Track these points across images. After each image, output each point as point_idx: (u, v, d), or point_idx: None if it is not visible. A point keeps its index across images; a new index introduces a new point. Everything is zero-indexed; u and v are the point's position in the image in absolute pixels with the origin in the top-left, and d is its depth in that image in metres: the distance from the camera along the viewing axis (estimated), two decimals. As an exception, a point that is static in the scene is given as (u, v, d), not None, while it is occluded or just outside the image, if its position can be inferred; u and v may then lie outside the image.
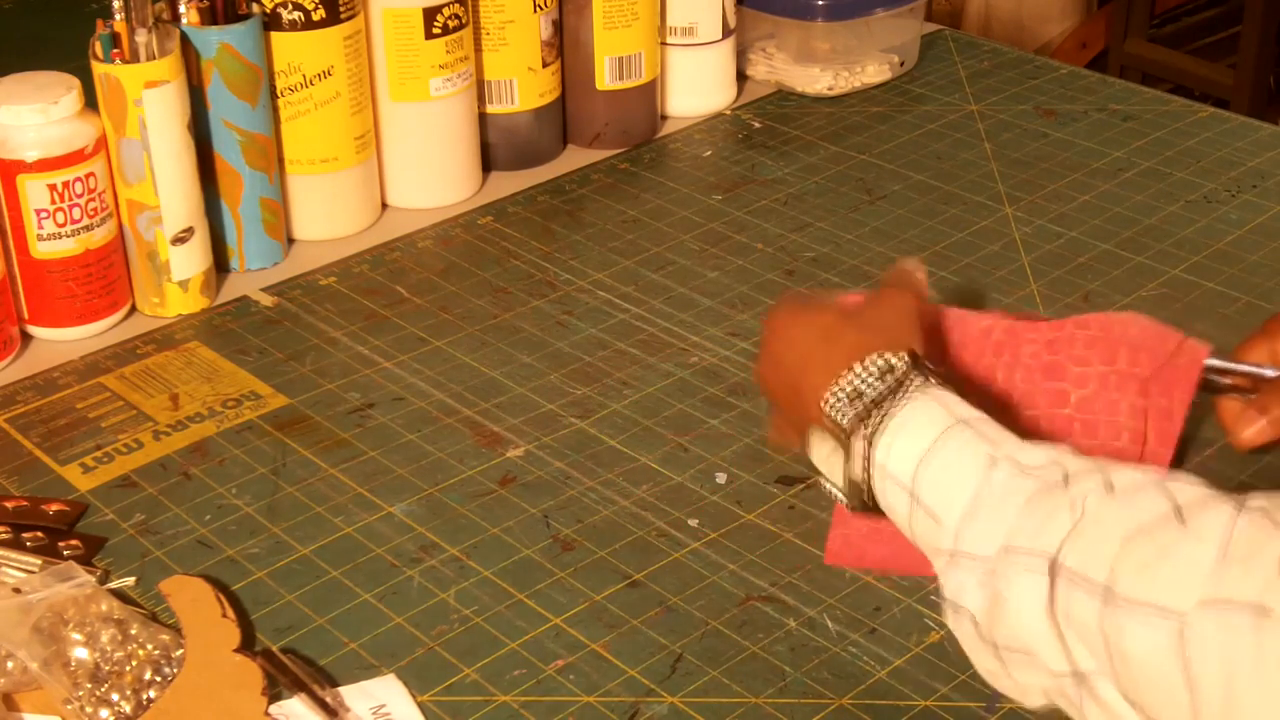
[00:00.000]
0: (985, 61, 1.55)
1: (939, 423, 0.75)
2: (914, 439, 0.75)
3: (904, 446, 0.75)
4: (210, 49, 1.15)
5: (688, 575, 0.92)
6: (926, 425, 0.75)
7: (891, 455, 0.75)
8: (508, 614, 0.89)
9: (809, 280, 1.20)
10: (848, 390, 0.78)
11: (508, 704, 0.83)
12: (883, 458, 0.76)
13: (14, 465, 1.01)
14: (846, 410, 0.78)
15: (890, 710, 0.82)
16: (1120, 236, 1.24)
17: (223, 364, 1.11)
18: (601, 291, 1.19)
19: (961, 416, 0.75)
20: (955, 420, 0.75)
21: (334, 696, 0.83)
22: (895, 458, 0.75)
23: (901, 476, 0.75)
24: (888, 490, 0.76)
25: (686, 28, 1.42)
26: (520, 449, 1.02)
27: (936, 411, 0.75)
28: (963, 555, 0.71)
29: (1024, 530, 0.68)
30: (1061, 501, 0.68)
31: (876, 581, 0.91)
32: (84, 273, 1.12)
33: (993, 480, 0.71)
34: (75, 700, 0.80)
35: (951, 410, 0.75)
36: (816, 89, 1.48)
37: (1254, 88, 2.61)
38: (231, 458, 1.02)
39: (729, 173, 1.36)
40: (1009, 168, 1.36)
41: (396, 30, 1.25)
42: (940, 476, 0.73)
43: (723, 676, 0.85)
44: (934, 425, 0.75)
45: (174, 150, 1.12)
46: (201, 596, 0.88)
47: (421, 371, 1.10)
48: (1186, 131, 1.41)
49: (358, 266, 1.23)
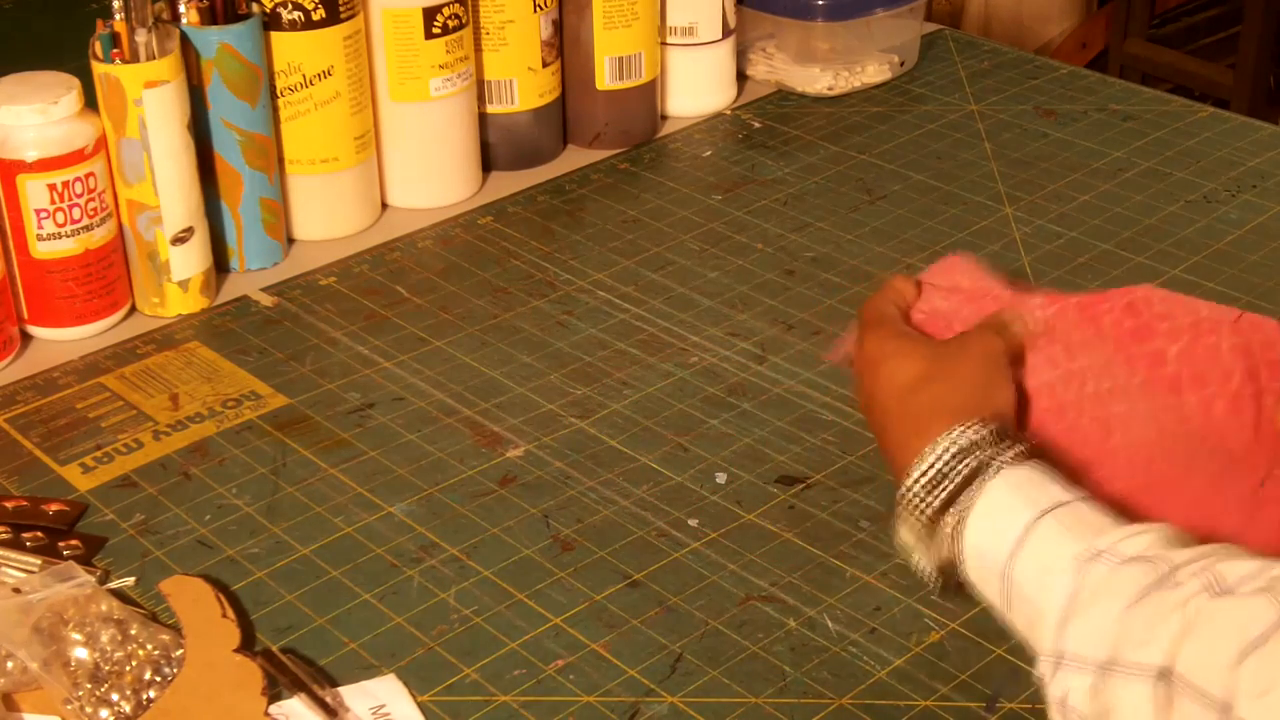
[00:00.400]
0: (985, 61, 1.55)
1: (1031, 509, 0.73)
2: (1005, 528, 0.73)
3: (994, 535, 0.73)
4: (210, 49, 1.15)
5: (688, 575, 0.92)
6: (1017, 511, 0.73)
7: (982, 544, 0.74)
8: (508, 614, 0.89)
9: (809, 280, 1.20)
10: (930, 475, 0.76)
11: (508, 704, 0.83)
12: (973, 545, 0.74)
13: (14, 465, 1.01)
14: (929, 498, 0.76)
15: (890, 710, 0.82)
16: (1120, 236, 1.24)
17: (223, 364, 1.11)
18: (601, 291, 1.19)
19: (1055, 499, 0.73)
20: (1049, 504, 0.72)
21: (334, 696, 0.83)
22: (988, 548, 0.73)
23: (996, 567, 0.73)
24: (983, 580, 0.74)
25: (686, 28, 1.42)
26: (520, 449, 1.02)
27: (1027, 495, 0.73)
28: (1068, 658, 0.68)
29: (1131, 637, 0.66)
30: (1168, 602, 0.66)
31: (876, 581, 0.91)
32: (84, 273, 1.12)
33: (1093, 575, 0.69)
34: (75, 700, 0.80)
35: (1044, 493, 0.73)
36: (816, 89, 1.48)
37: (1254, 88, 2.61)
38: (231, 458, 1.02)
39: (729, 173, 1.36)
40: (1009, 168, 1.36)
41: (396, 30, 1.25)
42: (1036, 570, 0.71)
43: (723, 676, 0.85)
44: (1026, 511, 0.73)
45: (174, 150, 1.12)
46: (201, 596, 0.88)
47: (421, 371, 1.10)
48: (1186, 131, 1.41)
49: (358, 266, 1.23)
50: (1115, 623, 0.67)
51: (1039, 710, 0.82)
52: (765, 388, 1.08)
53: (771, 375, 1.09)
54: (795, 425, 1.04)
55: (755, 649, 0.86)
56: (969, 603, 0.87)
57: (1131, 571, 0.68)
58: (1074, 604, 0.69)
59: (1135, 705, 0.65)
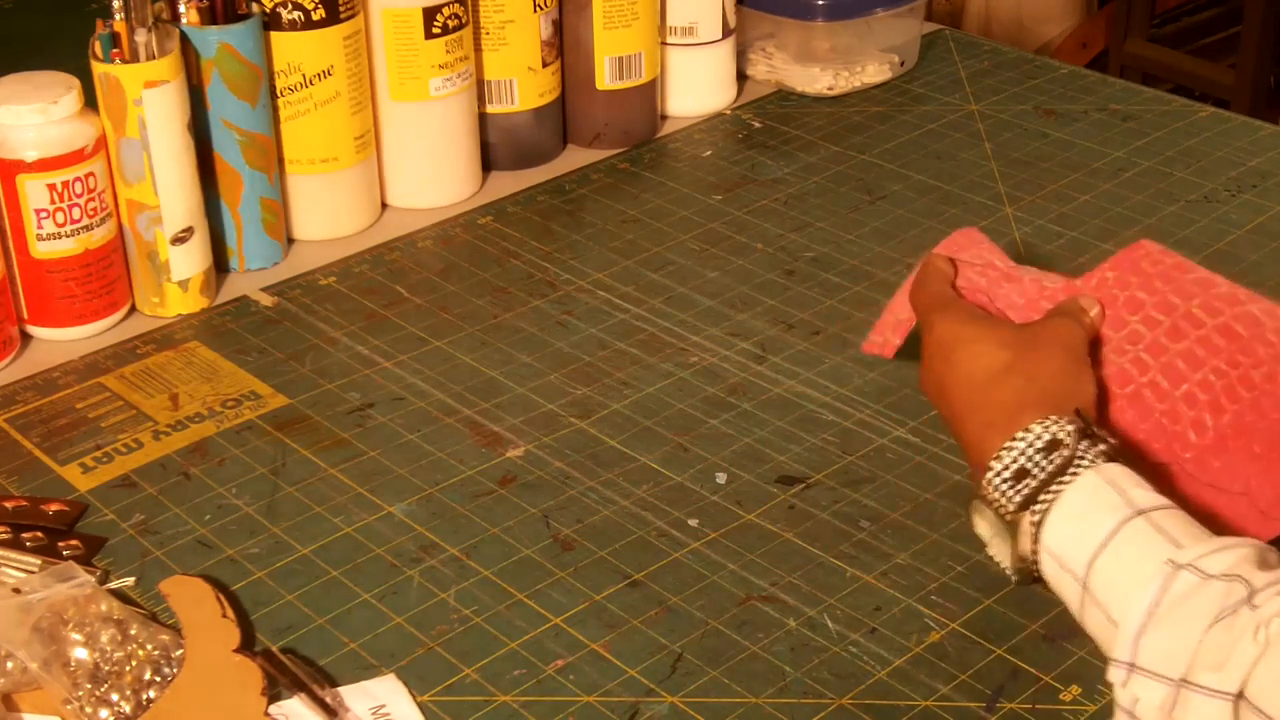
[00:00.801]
0: (985, 61, 1.55)
1: (1114, 513, 0.72)
2: (1087, 530, 0.72)
3: (1076, 536, 0.73)
4: (210, 49, 1.15)
5: (688, 575, 0.92)
6: (1101, 515, 0.72)
7: (1063, 543, 0.73)
8: (508, 614, 0.89)
9: (809, 280, 1.20)
10: (1013, 469, 0.76)
11: (508, 704, 0.83)
12: (1053, 544, 0.74)
13: (14, 465, 1.01)
14: (1011, 492, 0.76)
15: (890, 710, 0.82)
16: (1120, 236, 1.24)
17: (223, 364, 1.11)
18: (601, 291, 1.19)
19: (1139, 506, 0.72)
20: (1132, 511, 0.72)
21: (334, 696, 0.83)
22: (1067, 547, 0.73)
23: (1074, 567, 0.73)
24: (1059, 579, 0.74)
25: (686, 28, 1.42)
26: (520, 449, 1.02)
27: (1111, 498, 0.73)
28: (1141, 671, 0.68)
29: (1206, 659, 0.66)
30: (1246, 625, 0.66)
31: (876, 581, 0.91)
32: (84, 273, 1.12)
33: (1173, 590, 0.68)
34: (75, 700, 0.80)
35: (1127, 497, 0.73)
36: (816, 89, 1.48)
37: (1254, 88, 2.61)
38: (231, 458, 1.02)
39: (729, 173, 1.36)
40: (1009, 168, 1.36)
41: (396, 30, 1.25)
42: (1116, 576, 0.71)
43: (723, 676, 0.85)
44: (1110, 515, 0.72)
45: (174, 150, 1.12)
46: (201, 596, 0.88)
47: (421, 371, 1.10)
48: (1186, 131, 1.41)
49: (358, 266, 1.23)
50: (1193, 642, 0.67)
51: (1039, 710, 0.82)
52: (765, 388, 1.08)
53: (771, 375, 1.09)
54: (795, 425, 1.04)
55: (755, 649, 0.86)
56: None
57: (1212, 591, 0.67)
58: (1152, 617, 0.68)
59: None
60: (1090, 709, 0.82)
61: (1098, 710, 0.82)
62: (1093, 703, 0.82)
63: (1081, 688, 0.83)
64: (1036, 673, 0.84)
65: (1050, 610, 0.88)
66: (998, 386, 0.79)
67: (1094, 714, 0.82)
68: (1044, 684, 0.83)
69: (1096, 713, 0.82)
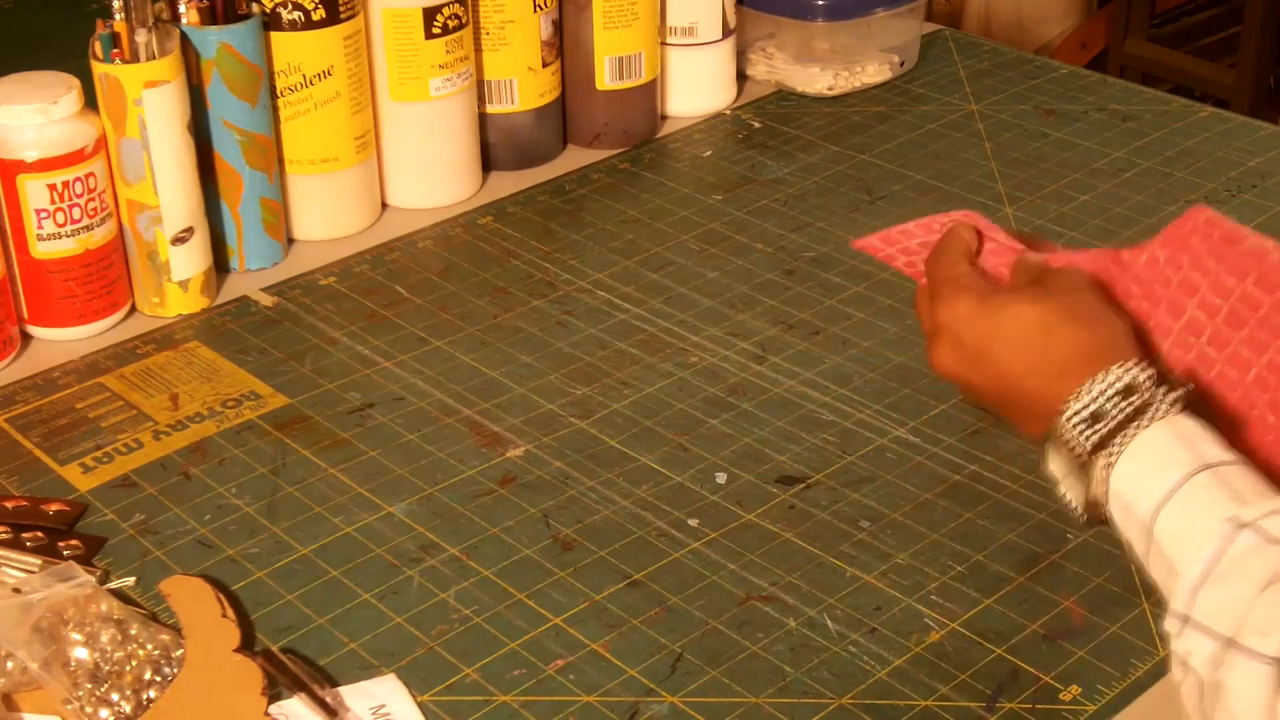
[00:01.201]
0: (985, 61, 1.55)
1: (1184, 465, 0.72)
2: (1155, 478, 0.73)
3: (1144, 484, 0.73)
4: (210, 49, 1.15)
5: (688, 575, 0.92)
6: (1170, 465, 0.72)
7: (1131, 490, 0.73)
8: (508, 614, 0.89)
9: (809, 280, 1.20)
10: (1088, 412, 0.76)
11: (508, 704, 0.83)
12: (1122, 490, 0.74)
13: (14, 465, 1.01)
14: (1085, 433, 0.76)
15: (890, 710, 0.82)
16: (1120, 236, 1.24)
17: (223, 364, 1.11)
18: (601, 291, 1.19)
19: (1208, 460, 0.72)
20: (1201, 465, 0.72)
21: (334, 696, 0.83)
22: (1135, 494, 0.73)
23: (1140, 515, 0.73)
24: (1126, 524, 0.74)
25: (686, 28, 1.42)
26: (520, 449, 1.02)
27: (1181, 451, 0.73)
28: (1194, 625, 0.69)
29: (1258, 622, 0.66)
30: None
31: (876, 581, 0.91)
32: (84, 273, 1.12)
33: (1234, 547, 0.69)
34: (75, 700, 0.80)
35: (1198, 450, 0.73)
36: (816, 89, 1.48)
37: (1254, 88, 2.61)
38: (231, 458, 1.02)
39: (729, 173, 1.36)
40: (1009, 168, 1.36)
41: (396, 30, 1.25)
42: (1180, 527, 0.71)
43: (723, 676, 0.85)
44: (1178, 467, 0.72)
45: (174, 150, 1.12)
46: (201, 596, 0.88)
47: (421, 371, 1.10)
48: (1186, 131, 1.41)
49: (358, 266, 1.23)
50: (1245, 604, 0.67)
51: (1039, 710, 0.82)
52: (765, 388, 1.08)
53: (771, 375, 1.09)
54: (795, 425, 1.04)
55: (755, 649, 0.86)
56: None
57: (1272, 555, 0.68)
58: (1209, 573, 0.69)
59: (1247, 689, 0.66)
60: (1090, 709, 0.82)
61: (1098, 710, 0.82)
62: (1093, 703, 0.82)
63: (1081, 688, 0.83)
64: (1036, 673, 0.84)
65: (1050, 610, 0.88)
66: (1055, 338, 0.79)
67: (1094, 714, 0.82)
68: (1044, 684, 0.83)
69: (1096, 713, 0.82)
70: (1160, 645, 0.86)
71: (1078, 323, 0.79)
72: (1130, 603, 0.88)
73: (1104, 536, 0.94)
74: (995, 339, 0.81)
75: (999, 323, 0.81)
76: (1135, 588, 0.89)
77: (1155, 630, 0.86)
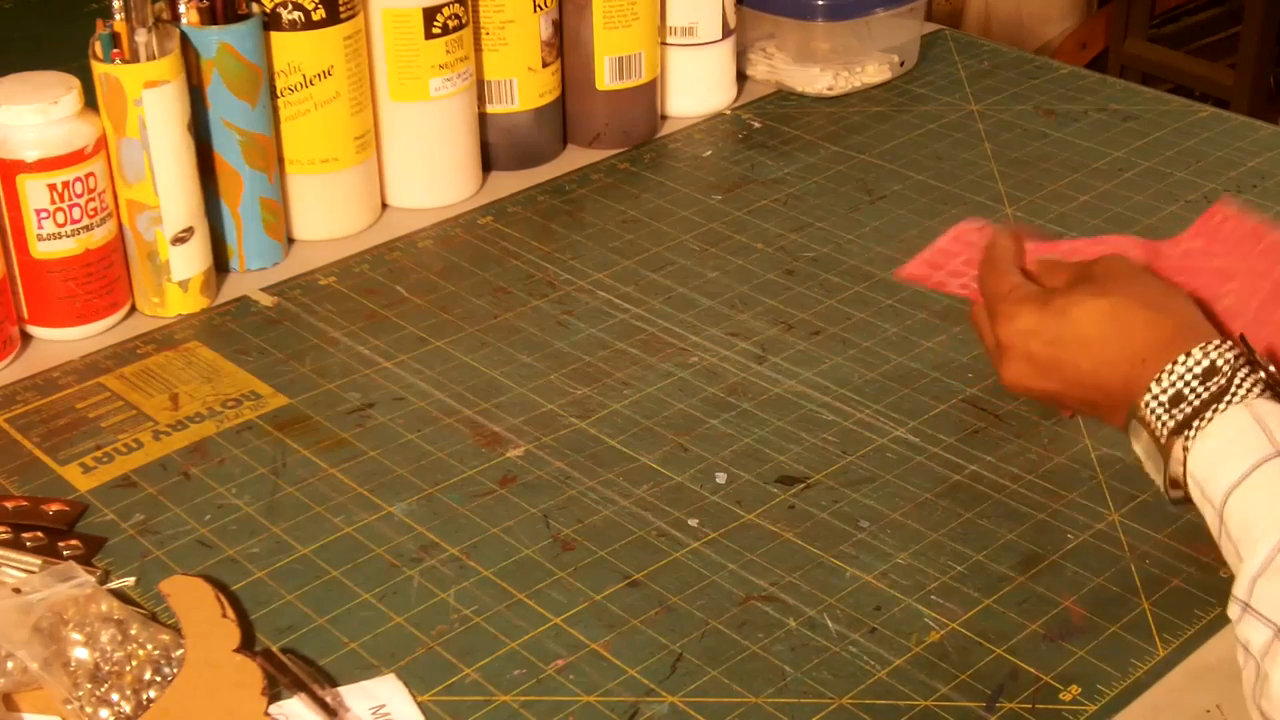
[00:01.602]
0: (985, 61, 1.55)
1: (1258, 450, 0.73)
2: (1229, 462, 0.73)
3: (1217, 467, 0.73)
4: (210, 49, 1.15)
5: (688, 575, 0.92)
6: (1245, 449, 0.73)
7: (1206, 473, 0.74)
8: (508, 614, 0.89)
9: (809, 280, 1.20)
10: (1170, 393, 0.76)
11: (508, 704, 0.83)
12: (1197, 472, 0.74)
13: (14, 465, 1.01)
14: (1166, 416, 0.76)
15: (890, 710, 0.82)
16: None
17: (223, 364, 1.11)
18: (601, 291, 1.19)
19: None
20: (1273, 451, 0.72)
21: (334, 696, 0.83)
22: (1209, 477, 0.74)
23: (1213, 498, 0.74)
24: (1202, 506, 0.75)
25: (686, 28, 1.42)
26: (520, 449, 1.02)
27: (1256, 436, 0.73)
28: (1252, 612, 0.70)
29: None
30: None
31: (876, 581, 0.91)
32: (84, 273, 1.12)
33: None
34: (75, 700, 0.80)
35: (1272, 436, 0.73)
36: (816, 89, 1.48)
37: (1254, 88, 2.61)
38: (231, 458, 1.02)
39: (729, 173, 1.36)
40: (1009, 168, 1.36)
41: (396, 30, 1.25)
42: (1248, 513, 0.72)
43: (723, 676, 0.85)
44: (1251, 452, 0.73)
45: (174, 150, 1.12)
46: (201, 596, 0.88)
47: (421, 371, 1.10)
48: (1186, 131, 1.41)
49: (358, 266, 1.23)
50: None
51: (1039, 710, 0.82)
52: (765, 388, 1.08)
53: (771, 375, 1.09)
54: (795, 425, 1.04)
55: (755, 649, 0.86)
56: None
57: None
58: (1270, 563, 0.69)
59: None
60: (1090, 709, 0.82)
61: (1097, 710, 0.82)
62: (1093, 703, 0.82)
63: (1081, 688, 0.83)
64: (1036, 673, 0.84)
65: (1050, 610, 0.88)
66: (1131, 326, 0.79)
67: (1094, 714, 0.82)
68: (1044, 684, 0.83)
69: (1096, 713, 0.82)
70: (1160, 645, 0.86)
71: (1150, 308, 0.79)
72: (1130, 603, 0.88)
73: (1104, 536, 0.94)
74: (1068, 342, 0.81)
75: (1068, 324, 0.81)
76: (1135, 588, 0.89)
77: (1155, 630, 0.86)
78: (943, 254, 0.97)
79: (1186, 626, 0.86)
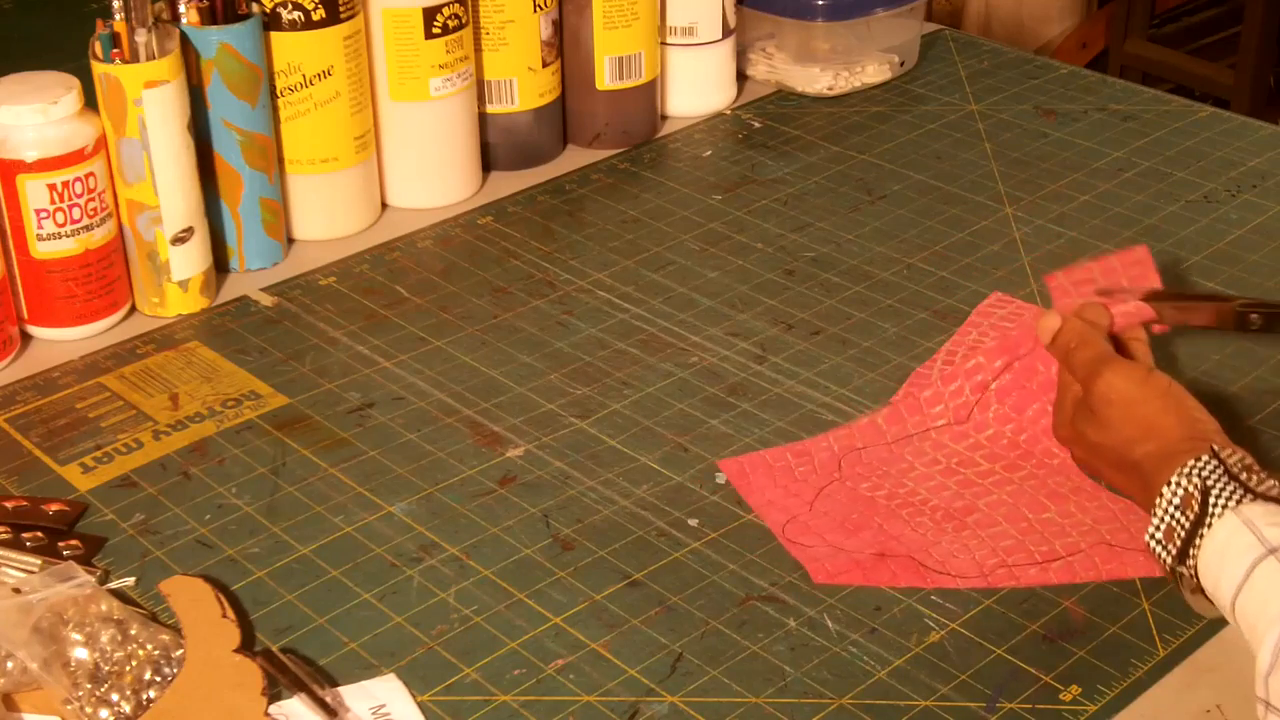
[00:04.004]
0: (985, 61, 1.55)
1: (1249, 553, 0.76)
2: (1227, 571, 0.77)
3: (1220, 578, 0.78)
4: (210, 49, 1.15)
5: (688, 575, 0.92)
6: (1238, 555, 0.77)
7: (1212, 586, 0.78)
8: (508, 614, 0.89)
9: (809, 280, 1.20)
10: (1162, 530, 0.82)
11: (508, 704, 0.83)
12: (1207, 587, 0.79)
13: (14, 465, 1.01)
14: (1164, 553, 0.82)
15: (890, 710, 0.82)
16: (1120, 236, 1.24)
17: (223, 364, 1.11)
18: (601, 291, 1.19)
19: (1271, 544, 0.76)
20: (1265, 550, 0.76)
21: (334, 696, 0.83)
22: (1215, 590, 0.78)
23: (1224, 608, 0.78)
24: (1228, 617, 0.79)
25: (686, 28, 1.42)
26: (520, 449, 1.02)
27: (1246, 539, 0.77)
28: (1273, 710, 0.73)
29: None
30: None
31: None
32: (84, 273, 1.12)
33: None
34: (75, 700, 0.80)
35: (1261, 536, 0.76)
36: (816, 89, 1.48)
37: (1254, 88, 2.61)
38: (231, 457, 1.02)
39: (729, 173, 1.36)
40: (1009, 168, 1.36)
41: (396, 30, 1.25)
42: (1252, 615, 0.75)
43: (723, 676, 0.85)
44: (1245, 555, 0.76)
45: (174, 150, 1.12)
46: (201, 596, 0.88)
47: (421, 371, 1.10)
48: (1186, 131, 1.41)
49: (358, 266, 1.23)
50: None
51: (1039, 710, 0.82)
52: (765, 388, 1.08)
53: (771, 375, 1.09)
54: (795, 425, 1.04)
55: (755, 649, 0.86)
56: (968, 604, 0.87)
57: None
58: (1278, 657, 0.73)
59: None
60: (1090, 709, 0.82)
61: (1098, 710, 0.82)
62: (1092, 703, 0.82)
63: (1081, 688, 0.83)
64: (1036, 673, 0.84)
65: (1050, 610, 0.88)
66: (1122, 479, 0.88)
67: (1094, 714, 0.82)
68: (1044, 684, 0.83)
69: (1096, 713, 0.82)
70: (1160, 645, 0.86)
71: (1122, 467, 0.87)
72: (1130, 603, 0.88)
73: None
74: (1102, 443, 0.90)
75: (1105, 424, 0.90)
76: (1135, 588, 0.89)
77: (1155, 630, 0.86)
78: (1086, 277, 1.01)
79: (1186, 626, 0.86)
